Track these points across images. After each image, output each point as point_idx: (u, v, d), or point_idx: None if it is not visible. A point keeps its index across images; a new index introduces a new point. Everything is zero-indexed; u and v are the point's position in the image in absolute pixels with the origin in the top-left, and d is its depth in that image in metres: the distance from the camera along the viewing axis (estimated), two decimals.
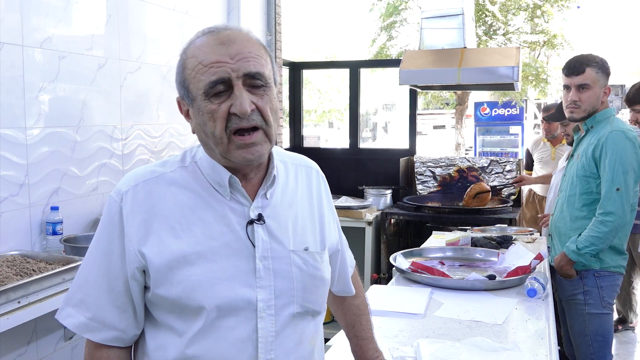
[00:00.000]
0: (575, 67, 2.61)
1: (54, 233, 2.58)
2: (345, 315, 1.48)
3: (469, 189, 4.31)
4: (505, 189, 4.59)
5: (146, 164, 1.22)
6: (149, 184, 1.15)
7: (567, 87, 2.65)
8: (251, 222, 1.14)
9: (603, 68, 2.59)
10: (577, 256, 2.51)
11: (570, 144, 3.84)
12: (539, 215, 3.72)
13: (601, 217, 2.45)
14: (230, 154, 1.10)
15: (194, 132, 1.16)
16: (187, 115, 1.16)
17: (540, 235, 3.36)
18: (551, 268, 2.70)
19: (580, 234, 2.53)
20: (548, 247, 2.81)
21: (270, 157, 1.20)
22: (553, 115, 3.77)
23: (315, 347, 1.23)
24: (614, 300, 2.60)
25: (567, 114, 2.67)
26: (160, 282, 1.11)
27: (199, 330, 1.11)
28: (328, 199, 1.33)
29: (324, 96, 16.85)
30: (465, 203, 4.26)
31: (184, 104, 1.16)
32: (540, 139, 4.97)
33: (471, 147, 12.79)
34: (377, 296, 2.18)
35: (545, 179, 4.33)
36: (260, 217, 1.15)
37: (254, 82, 1.09)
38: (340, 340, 1.61)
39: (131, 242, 1.12)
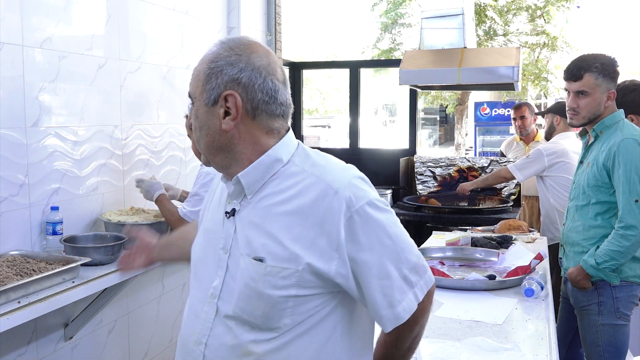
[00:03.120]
0: (572, 72, 2.50)
1: (54, 233, 2.58)
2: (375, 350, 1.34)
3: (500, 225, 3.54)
4: (505, 188, 4.59)
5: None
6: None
7: (567, 91, 2.56)
8: (226, 213, 1.26)
9: (605, 72, 2.44)
10: (596, 271, 2.38)
11: (547, 137, 4.12)
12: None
13: (622, 230, 2.31)
14: None
15: None
16: None
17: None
18: (564, 277, 2.65)
19: (598, 247, 2.40)
20: (560, 258, 2.70)
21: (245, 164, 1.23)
22: (545, 110, 4.15)
23: None
24: (631, 312, 2.45)
25: (567, 119, 2.60)
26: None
27: (189, 290, 1.34)
28: (333, 225, 1.14)
29: (325, 95, 16.85)
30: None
31: None
32: (513, 140, 5.01)
33: (471, 147, 12.80)
34: None
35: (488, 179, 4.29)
36: (232, 212, 1.24)
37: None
38: None
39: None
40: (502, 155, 5.04)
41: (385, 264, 1.17)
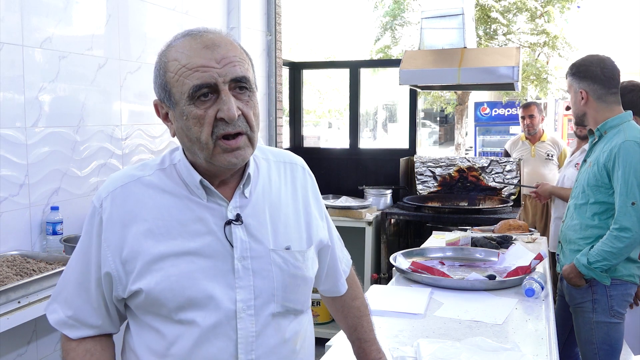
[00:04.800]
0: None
1: (54, 233, 2.58)
2: (346, 318, 1.47)
3: (500, 225, 3.47)
4: (505, 188, 4.58)
5: (124, 168, 1.23)
6: (127, 188, 1.17)
7: None
8: (229, 222, 1.15)
9: (577, 71, 2.53)
10: (588, 270, 2.41)
11: (581, 137, 3.87)
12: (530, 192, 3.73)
13: (616, 232, 2.33)
14: (214, 158, 1.11)
15: (173, 136, 1.17)
16: (165, 119, 1.17)
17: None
18: (560, 275, 2.67)
19: (592, 247, 2.43)
20: (557, 255, 2.72)
21: None
22: None
23: (298, 346, 1.22)
24: (625, 310, 2.48)
25: None
26: (137, 280, 1.12)
27: (180, 331, 1.12)
28: (315, 194, 1.32)
29: (324, 96, 16.84)
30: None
31: (162, 106, 1.16)
32: (518, 139, 5.00)
33: (471, 147, 12.80)
34: (377, 296, 2.18)
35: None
36: (238, 217, 1.16)
37: (240, 86, 1.11)
38: (340, 340, 1.60)
39: (109, 247, 1.14)
40: (506, 154, 5.02)
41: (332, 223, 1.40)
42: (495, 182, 4.60)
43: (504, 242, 2.98)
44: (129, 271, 1.13)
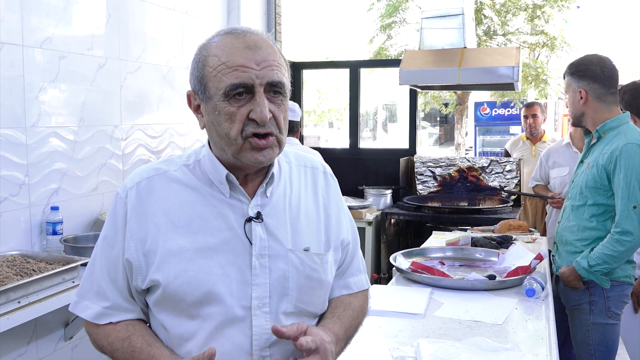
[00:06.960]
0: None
1: (54, 233, 2.58)
2: (331, 303, 1.31)
3: (500, 225, 3.46)
4: (505, 188, 4.58)
5: (151, 162, 1.25)
6: (152, 181, 1.18)
7: None
8: (249, 219, 1.16)
9: (576, 70, 2.51)
10: (588, 273, 2.39)
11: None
12: (548, 197, 3.69)
13: (618, 235, 2.30)
14: (241, 155, 1.12)
15: (203, 128, 1.19)
16: (196, 111, 1.19)
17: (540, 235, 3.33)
18: (555, 276, 2.66)
19: (592, 249, 2.40)
20: (553, 256, 2.71)
21: None
22: None
23: None
24: (622, 311, 2.47)
25: None
26: (156, 272, 1.13)
27: (195, 327, 1.13)
28: (335, 198, 1.31)
29: (323, 96, 16.82)
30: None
31: (195, 98, 1.18)
32: (519, 139, 4.99)
33: (471, 147, 12.80)
34: (377, 296, 2.17)
35: None
36: (258, 215, 1.16)
37: (275, 90, 1.12)
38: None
39: (133, 237, 1.15)
40: (507, 154, 5.02)
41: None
42: (500, 184, 4.60)
43: (504, 242, 2.98)
44: (150, 262, 1.14)
